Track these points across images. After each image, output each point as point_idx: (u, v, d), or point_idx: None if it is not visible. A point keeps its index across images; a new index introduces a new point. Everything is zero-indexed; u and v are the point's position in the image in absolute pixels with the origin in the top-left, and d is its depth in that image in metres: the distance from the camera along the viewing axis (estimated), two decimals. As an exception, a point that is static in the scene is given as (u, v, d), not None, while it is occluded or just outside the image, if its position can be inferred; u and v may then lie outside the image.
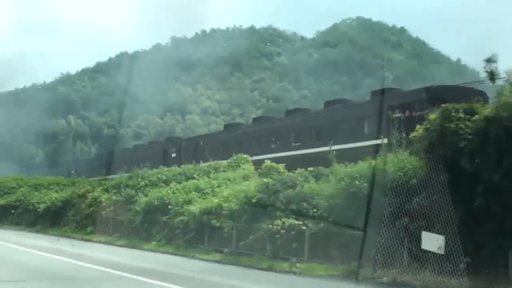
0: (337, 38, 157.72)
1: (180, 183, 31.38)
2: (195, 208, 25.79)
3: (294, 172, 22.81)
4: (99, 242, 32.72)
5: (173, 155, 47.80)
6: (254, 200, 21.83)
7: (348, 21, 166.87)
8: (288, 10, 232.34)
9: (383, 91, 31.65)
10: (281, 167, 22.85)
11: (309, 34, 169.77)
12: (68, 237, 36.64)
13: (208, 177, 30.59)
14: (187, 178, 32.21)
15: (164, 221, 28.38)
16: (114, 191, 34.79)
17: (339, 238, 19.31)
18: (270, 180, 22.20)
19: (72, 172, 62.93)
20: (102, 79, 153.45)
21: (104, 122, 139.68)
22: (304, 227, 20.09)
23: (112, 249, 28.95)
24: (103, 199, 35.38)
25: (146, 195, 31.16)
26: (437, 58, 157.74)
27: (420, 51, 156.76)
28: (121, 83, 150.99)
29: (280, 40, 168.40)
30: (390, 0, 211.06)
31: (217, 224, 24.22)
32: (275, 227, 20.40)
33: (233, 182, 29.10)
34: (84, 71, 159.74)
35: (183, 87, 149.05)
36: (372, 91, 34.01)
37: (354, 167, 20.34)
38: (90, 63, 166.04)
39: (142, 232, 30.39)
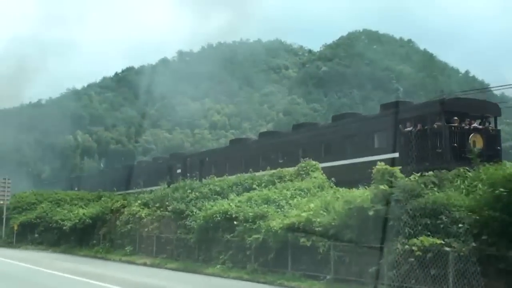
0: (345, 51, 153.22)
1: (239, 194, 26.34)
2: (276, 223, 20.59)
3: (411, 178, 17.68)
4: (144, 264, 27.57)
5: (178, 171, 45.07)
6: (370, 213, 16.65)
7: (356, 34, 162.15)
8: (294, 24, 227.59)
9: (396, 104, 30.36)
10: (397, 170, 17.71)
11: (316, 47, 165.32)
12: (102, 258, 31.55)
13: (275, 187, 25.51)
14: (245, 189, 27.14)
15: (229, 239, 23.24)
16: (157, 205, 29.56)
17: (500, 263, 14.23)
18: (386, 187, 17.07)
19: (76, 188, 58.71)
20: (109, 94, 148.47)
21: (112, 137, 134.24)
22: (447, 248, 14.92)
23: (169, 275, 23.77)
24: (143, 215, 30.14)
25: (199, 209, 25.98)
26: (446, 70, 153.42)
27: (428, 64, 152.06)
28: (128, 98, 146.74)
29: (287, 53, 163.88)
30: (396, 13, 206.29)
31: (308, 244, 19.05)
32: (412, 247, 15.21)
33: (307, 192, 24.11)
34: (91, 86, 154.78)
35: (191, 102, 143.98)
36: (381, 105, 32.71)
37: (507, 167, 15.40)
38: (96, 78, 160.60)
39: (199, 253, 25.33)
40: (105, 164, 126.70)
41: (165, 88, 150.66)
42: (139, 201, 31.92)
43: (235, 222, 23.03)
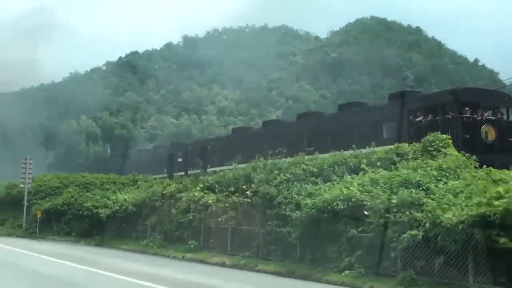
0: (353, 37, 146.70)
1: (344, 176, 19.91)
2: (450, 215, 14.04)
3: None
4: (221, 264, 21.00)
5: (179, 159, 44.08)
6: None
7: (363, 21, 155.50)
8: (299, 10, 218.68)
9: (405, 93, 29.41)
10: None
11: (322, 34, 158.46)
12: (156, 254, 24.85)
13: (401, 165, 18.99)
14: (350, 170, 20.67)
15: (354, 235, 16.68)
16: (231, 189, 22.91)
17: None
18: None
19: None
20: (113, 79, 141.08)
21: (116, 122, 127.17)
22: None
23: (278, 282, 17.15)
24: (210, 202, 23.48)
25: (298, 195, 19.44)
26: (455, 58, 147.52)
27: (437, 52, 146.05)
28: (132, 83, 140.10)
29: (294, 39, 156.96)
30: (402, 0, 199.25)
31: (512, 245, 12.59)
32: None
33: (452, 173, 17.61)
34: (94, 71, 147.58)
35: (198, 87, 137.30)
36: (389, 94, 31.28)
37: None
38: (99, 63, 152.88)
39: (302, 251, 18.72)
40: (111, 150, 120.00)
41: (170, 72, 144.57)
42: (200, 185, 25.25)
43: (365, 212, 16.50)
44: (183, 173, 40.43)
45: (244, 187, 22.43)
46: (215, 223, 23.12)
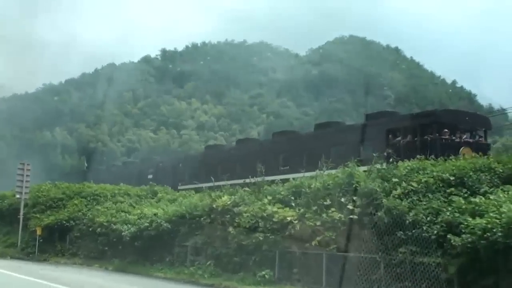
0: (332, 55, 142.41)
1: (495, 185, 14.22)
2: None
3: None
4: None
5: (150, 176, 41.15)
6: None
7: (343, 40, 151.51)
8: (277, 27, 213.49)
9: (379, 114, 29.35)
10: None
11: (300, 51, 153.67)
12: (213, 286, 18.41)
13: None
14: (499, 178, 14.89)
15: None
16: (325, 202, 16.78)
17: None
18: None
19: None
20: (89, 91, 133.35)
21: (93, 135, 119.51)
22: None
23: None
24: (290, 218, 17.30)
25: (447, 210, 13.55)
26: (433, 79, 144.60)
27: (416, 72, 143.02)
28: (110, 95, 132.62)
29: (274, 56, 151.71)
30: (380, 20, 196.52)
31: None
32: None
33: None
34: (69, 82, 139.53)
35: (177, 101, 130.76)
36: (366, 114, 31.37)
37: None
38: (75, 74, 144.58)
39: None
40: (88, 163, 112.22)
41: (148, 86, 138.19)
42: (269, 197, 19.05)
43: None
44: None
45: (342, 199, 16.34)
46: (299, 247, 16.94)
